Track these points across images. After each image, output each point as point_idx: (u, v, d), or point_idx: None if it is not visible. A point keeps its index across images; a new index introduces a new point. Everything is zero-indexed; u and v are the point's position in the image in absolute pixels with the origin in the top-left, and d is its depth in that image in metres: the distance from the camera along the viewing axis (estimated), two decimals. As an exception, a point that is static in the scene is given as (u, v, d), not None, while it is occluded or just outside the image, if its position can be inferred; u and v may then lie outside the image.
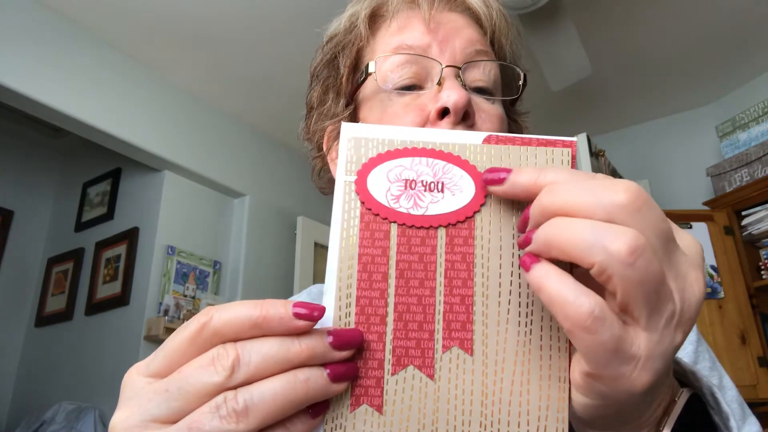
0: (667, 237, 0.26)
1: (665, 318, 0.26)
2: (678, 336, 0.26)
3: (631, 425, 0.30)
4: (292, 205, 3.55)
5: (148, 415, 0.27)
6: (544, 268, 0.26)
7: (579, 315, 0.25)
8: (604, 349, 0.25)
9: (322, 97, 0.62)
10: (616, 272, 0.24)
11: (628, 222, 0.25)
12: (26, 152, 3.53)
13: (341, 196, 0.31)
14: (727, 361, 2.35)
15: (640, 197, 0.25)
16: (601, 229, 0.25)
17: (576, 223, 0.25)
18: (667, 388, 0.31)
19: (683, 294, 0.26)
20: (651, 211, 0.26)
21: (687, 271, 0.27)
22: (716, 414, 0.32)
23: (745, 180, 2.62)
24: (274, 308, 0.28)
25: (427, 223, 0.30)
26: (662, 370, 0.26)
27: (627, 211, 0.25)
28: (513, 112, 0.63)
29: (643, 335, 0.26)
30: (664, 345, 0.26)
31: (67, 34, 2.54)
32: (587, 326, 0.25)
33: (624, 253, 0.24)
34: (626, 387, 0.26)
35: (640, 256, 0.24)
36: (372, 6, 0.58)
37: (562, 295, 0.25)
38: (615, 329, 0.25)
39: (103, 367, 2.76)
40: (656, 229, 0.26)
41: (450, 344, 0.30)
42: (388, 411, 0.29)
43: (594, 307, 0.25)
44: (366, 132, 0.31)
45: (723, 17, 2.57)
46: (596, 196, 0.25)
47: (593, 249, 0.24)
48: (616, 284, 0.25)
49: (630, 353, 0.25)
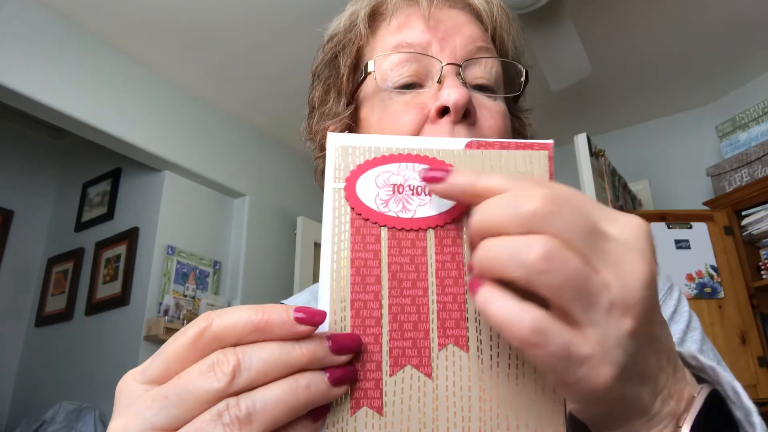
0: (590, 230, 0.26)
1: (604, 310, 0.26)
2: (626, 323, 0.26)
3: (642, 420, 0.29)
4: (292, 205, 3.54)
5: (147, 423, 0.27)
6: (486, 292, 0.27)
7: (522, 332, 0.25)
8: (556, 358, 0.25)
9: (324, 96, 0.61)
10: (538, 280, 0.25)
11: (543, 228, 0.26)
12: (26, 152, 3.53)
13: (331, 202, 0.31)
14: (727, 361, 2.32)
15: (552, 200, 0.26)
16: (515, 244, 0.26)
17: (496, 242, 0.26)
18: (669, 376, 0.30)
19: (621, 280, 0.26)
20: (566, 210, 0.26)
21: (621, 257, 0.27)
22: (738, 409, 0.31)
23: (745, 180, 2.62)
24: (276, 313, 0.27)
25: (416, 225, 0.31)
26: (624, 359, 0.26)
27: (540, 217, 0.26)
28: (515, 108, 0.63)
29: (588, 333, 0.26)
30: (613, 336, 0.26)
31: (67, 34, 2.53)
32: (533, 342, 0.25)
33: (537, 260, 0.25)
34: (592, 386, 0.26)
35: (553, 260, 0.25)
36: (372, 4, 0.57)
37: (504, 316, 0.26)
38: (560, 337, 0.25)
39: (103, 367, 2.76)
40: (574, 226, 0.26)
41: (445, 342, 0.30)
42: (388, 412, 0.29)
43: (535, 323, 0.25)
44: (352, 141, 0.32)
45: (723, 17, 2.57)
46: (514, 210, 0.26)
47: (511, 265, 0.25)
48: (543, 291, 0.25)
49: (582, 355, 0.26)
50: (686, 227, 2.57)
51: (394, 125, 0.52)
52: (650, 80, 3.05)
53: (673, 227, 2.56)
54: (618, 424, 0.29)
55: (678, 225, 2.56)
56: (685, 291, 2.48)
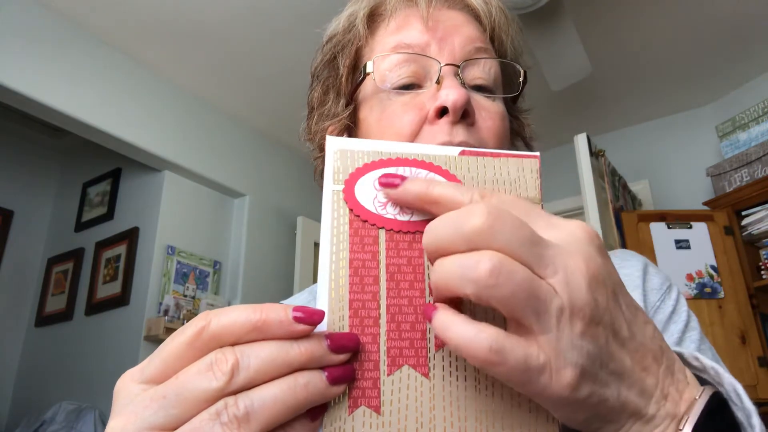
0: (530, 241, 0.27)
1: (554, 315, 0.26)
2: (577, 326, 0.27)
3: (637, 422, 0.29)
4: (292, 205, 3.55)
5: (146, 423, 0.27)
6: (442, 316, 0.27)
7: (481, 353, 0.26)
8: (517, 372, 0.26)
9: (323, 97, 0.61)
10: (488, 295, 0.26)
11: (486, 244, 0.26)
12: (26, 152, 3.53)
13: (330, 204, 0.32)
14: (727, 361, 2.34)
15: (490, 216, 0.26)
16: (463, 262, 0.26)
17: (446, 262, 0.27)
18: (659, 376, 0.30)
19: (566, 285, 0.27)
20: (504, 224, 0.26)
21: (564, 262, 0.27)
22: (739, 410, 0.31)
23: (745, 180, 2.62)
24: (274, 312, 0.28)
25: (414, 228, 0.32)
26: (582, 361, 0.27)
27: (482, 233, 0.26)
28: (514, 109, 0.63)
29: (542, 340, 0.26)
30: (565, 340, 0.26)
31: (67, 34, 2.54)
32: (492, 360, 0.26)
33: (485, 276, 0.25)
34: (557, 392, 0.26)
35: (500, 273, 0.25)
36: (370, 5, 0.57)
37: (461, 339, 0.26)
38: (517, 352, 0.26)
39: (103, 367, 2.76)
40: (516, 237, 0.26)
41: (442, 342, 0.30)
42: (386, 411, 0.29)
43: (491, 342, 0.26)
44: (350, 145, 0.33)
45: (723, 17, 2.57)
46: (458, 229, 0.27)
47: (462, 282, 0.26)
48: (495, 304, 0.26)
49: (539, 364, 0.26)
50: (686, 227, 2.58)
51: (393, 126, 0.52)
52: (650, 80, 3.05)
53: (673, 227, 2.56)
54: (612, 427, 0.29)
55: (678, 225, 2.56)
56: (685, 291, 2.48)
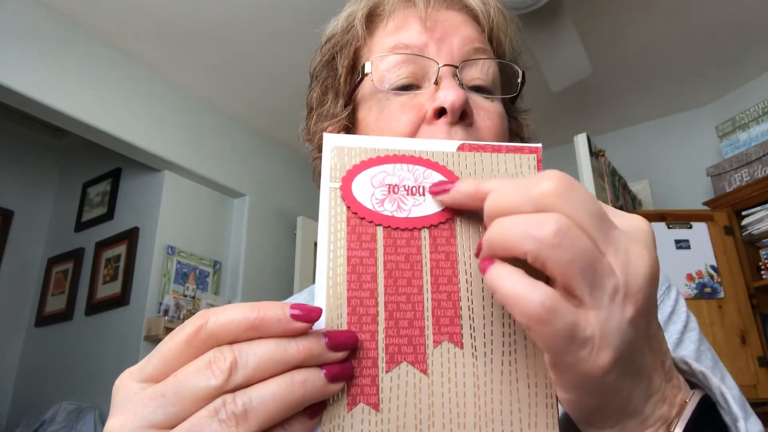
0: (599, 215, 0.27)
1: (609, 293, 0.26)
2: (628, 310, 0.27)
3: (634, 421, 0.30)
4: (292, 205, 3.55)
5: (145, 421, 0.27)
6: (497, 269, 0.27)
7: (532, 309, 0.25)
8: (561, 337, 0.26)
9: (322, 97, 0.62)
10: (548, 255, 0.25)
11: (554, 207, 0.26)
12: (26, 152, 3.53)
13: (327, 202, 0.32)
14: (727, 361, 2.34)
15: (562, 182, 0.27)
16: (528, 220, 0.26)
17: (508, 220, 0.27)
18: (663, 379, 0.30)
19: (626, 267, 0.27)
20: (577, 193, 0.27)
21: (627, 246, 0.27)
22: (727, 415, 0.32)
23: (745, 180, 2.62)
24: (272, 310, 0.28)
25: (411, 225, 0.32)
26: (622, 347, 0.27)
27: (552, 197, 0.26)
28: (513, 109, 0.63)
29: (592, 314, 0.26)
30: (615, 321, 0.26)
31: (67, 34, 2.54)
32: (542, 319, 0.25)
33: (550, 235, 0.25)
34: (590, 370, 0.26)
35: (565, 236, 0.25)
36: (369, 6, 0.57)
37: (514, 292, 0.26)
38: (568, 317, 0.26)
39: (103, 367, 2.76)
40: (585, 208, 0.27)
41: (440, 339, 0.31)
42: (384, 408, 0.29)
43: (545, 299, 0.25)
44: (347, 142, 0.33)
45: (723, 17, 2.57)
46: (525, 192, 0.27)
47: (524, 239, 0.26)
48: (552, 267, 0.26)
49: (585, 336, 0.26)
50: (686, 227, 2.57)
51: (391, 126, 0.52)
52: (650, 80, 3.05)
53: (673, 227, 2.56)
54: (610, 423, 0.30)
55: (678, 225, 2.56)
56: (685, 291, 2.48)
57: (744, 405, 0.53)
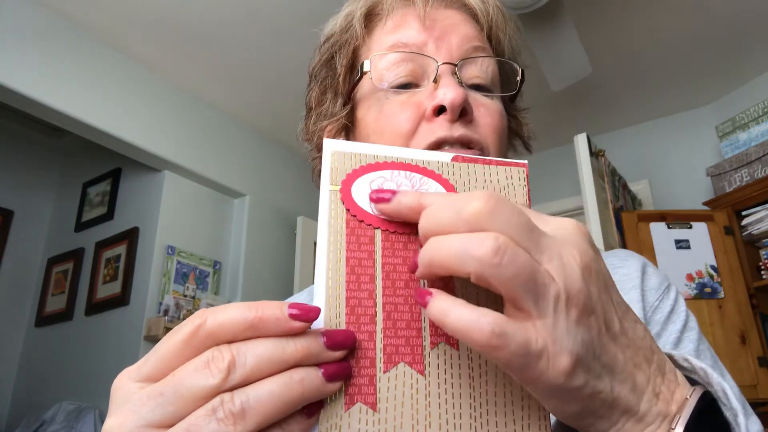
0: (528, 227, 0.27)
1: (552, 301, 0.27)
2: (572, 313, 0.27)
3: (630, 420, 0.29)
4: (292, 205, 3.55)
5: (143, 420, 0.27)
6: (439, 303, 0.27)
7: (484, 338, 0.26)
8: (517, 356, 0.26)
9: (321, 97, 0.62)
10: (491, 274, 0.26)
11: (486, 226, 0.27)
12: (26, 152, 3.53)
13: (327, 204, 0.32)
14: (727, 361, 2.34)
15: (490, 200, 0.27)
16: (466, 240, 0.26)
17: (446, 239, 0.27)
18: (651, 375, 0.30)
19: (561, 271, 0.27)
20: (506, 209, 0.27)
21: (559, 250, 0.28)
22: (727, 410, 0.32)
23: (745, 180, 2.62)
24: (270, 309, 0.28)
25: (408, 229, 0.32)
26: (577, 349, 0.27)
27: (483, 216, 0.27)
28: (512, 108, 0.63)
29: (539, 325, 0.26)
30: (561, 326, 0.27)
31: (67, 34, 2.54)
32: (494, 345, 0.26)
33: (490, 255, 0.25)
34: (553, 378, 0.27)
35: (504, 253, 0.26)
36: (367, 4, 0.57)
37: (464, 324, 0.26)
38: (518, 336, 0.26)
39: (103, 367, 2.76)
40: (514, 223, 0.27)
41: (437, 340, 0.31)
42: (382, 408, 0.30)
43: (494, 326, 0.26)
44: (347, 147, 0.33)
45: (723, 17, 2.57)
46: (457, 211, 0.27)
47: (465, 260, 0.26)
48: (497, 285, 0.26)
49: (538, 348, 0.26)
50: (686, 227, 2.57)
51: (391, 124, 0.52)
52: (650, 80, 3.05)
53: (673, 227, 2.56)
54: (604, 424, 0.29)
55: (678, 225, 2.56)
56: (685, 291, 2.48)
57: (744, 404, 0.53)
